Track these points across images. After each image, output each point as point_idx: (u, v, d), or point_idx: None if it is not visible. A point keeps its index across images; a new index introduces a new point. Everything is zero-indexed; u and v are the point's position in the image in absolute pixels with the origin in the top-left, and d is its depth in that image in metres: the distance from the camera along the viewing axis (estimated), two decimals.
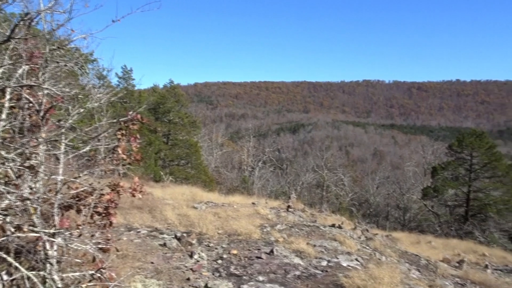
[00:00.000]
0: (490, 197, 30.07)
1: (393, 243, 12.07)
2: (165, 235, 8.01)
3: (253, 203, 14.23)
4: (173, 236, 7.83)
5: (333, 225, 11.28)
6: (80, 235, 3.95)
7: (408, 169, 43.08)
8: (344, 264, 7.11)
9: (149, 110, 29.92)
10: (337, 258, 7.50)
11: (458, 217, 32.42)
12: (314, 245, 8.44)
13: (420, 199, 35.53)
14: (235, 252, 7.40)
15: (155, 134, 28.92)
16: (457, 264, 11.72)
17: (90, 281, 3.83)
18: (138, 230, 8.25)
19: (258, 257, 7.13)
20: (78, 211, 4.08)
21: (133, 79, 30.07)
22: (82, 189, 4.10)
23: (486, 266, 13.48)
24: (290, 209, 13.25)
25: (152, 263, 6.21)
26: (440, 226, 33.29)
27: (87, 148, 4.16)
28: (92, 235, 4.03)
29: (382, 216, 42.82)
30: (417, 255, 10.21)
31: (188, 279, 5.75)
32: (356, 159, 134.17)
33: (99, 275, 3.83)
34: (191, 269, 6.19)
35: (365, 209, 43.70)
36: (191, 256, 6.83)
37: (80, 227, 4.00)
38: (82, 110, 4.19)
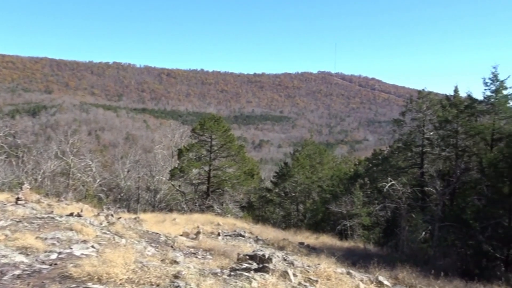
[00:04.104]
0: (226, 174, 34.11)
1: (137, 225, 12.26)
2: None
3: None
4: None
5: (71, 214, 10.51)
6: None
7: (157, 152, 44.61)
8: (77, 254, 6.71)
9: None
10: (71, 248, 7.01)
11: (201, 193, 35.52)
12: (45, 238, 7.64)
13: (168, 180, 37.20)
14: None
15: None
16: (194, 236, 12.94)
17: None
18: None
19: None
20: None
21: None
22: None
23: (219, 234, 15.48)
24: (20, 202, 11.57)
25: None
26: (186, 204, 35.84)
27: None
28: None
29: (133, 200, 43.04)
30: (157, 233, 10.69)
31: None
32: (107, 143, 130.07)
33: None
34: None
35: (116, 193, 42.94)
36: None
37: None
38: None
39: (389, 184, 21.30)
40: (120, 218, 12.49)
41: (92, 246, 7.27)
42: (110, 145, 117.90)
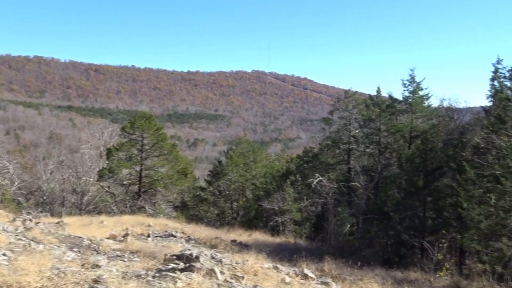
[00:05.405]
0: (158, 173, 33.38)
1: (59, 229, 11.58)
2: None
3: None
4: None
5: None
6: None
7: (84, 152, 42.39)
8: None
9: None
10: None
11: (133, 194, 34.47)
12: None
13: (96, 181, 35.66)
14: None
15: None
16: (122, 238, 12.49)
17: None
18: None
19: None
20: None
21: None
22: None
23: (149, 235, 15.10)
24: None
25: None
26: (116, 205, 34.56)
27: None
28: None
29: (57, 203, 40.58)
30: (81, 237, 10.18)
31: None
32: (28, 143, 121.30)
33: None
34: None
35: (38, 197, 40.20)
36: None
37: None
38: None
39: (316, 180, 22.21)
40: (39, 222, 11.70)
41: (4, 254, 6.73)
42: (32, 145, 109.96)
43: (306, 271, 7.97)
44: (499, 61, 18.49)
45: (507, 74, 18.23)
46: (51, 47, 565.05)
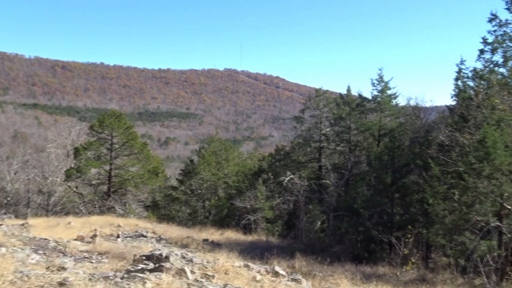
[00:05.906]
0: (128, 173, 32.82)
1: (23, 231, 11.20)
2: None
3: None
4: None
5: None
6: None
7: (51, 151, 41.13)
8: None
9: None
10: None
11: (102, 194, 33.79)
12: None
13: (64, 181, 34.73)
14: None
15: None
16: (90, 239, 12.21)
17: None
18: None
19: None
20: None
21: None
22: None
23: (118, 236, 14.82)
24: None
25: None
26: (84, 206, 33.77)
27: None
28: None
29: (22, 204, 39.24)
30: (46, 239, 9.88)
31: None
32: None
33: None
34: None
35: (2, 198, 38.75)
36: None
37: None
38: None
39: (288, 178, 22.43)
40: (1, 225, 11.28)
41: None
42: None
43: (277, 268, 8.03)
44: (462, 62, 19.12)
45: (470, 75, 18.89)
46: (15, 42, 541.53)
